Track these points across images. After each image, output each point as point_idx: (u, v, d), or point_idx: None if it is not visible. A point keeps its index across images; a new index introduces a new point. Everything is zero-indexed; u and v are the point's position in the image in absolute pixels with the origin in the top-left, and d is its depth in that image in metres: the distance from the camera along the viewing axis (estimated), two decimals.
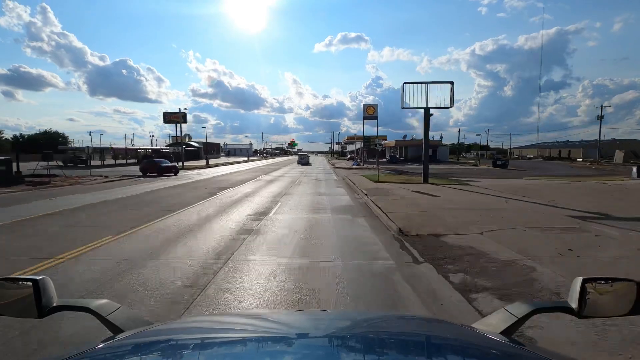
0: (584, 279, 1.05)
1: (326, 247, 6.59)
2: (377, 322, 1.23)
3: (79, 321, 3.34)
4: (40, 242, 6.79)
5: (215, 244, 6.67)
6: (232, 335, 1.03)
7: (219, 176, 26.64)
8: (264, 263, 5.53)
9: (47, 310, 1.07)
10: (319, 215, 9.94)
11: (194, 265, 5.35)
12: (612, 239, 7.02)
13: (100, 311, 1.11)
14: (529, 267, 5.21)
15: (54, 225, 8.47)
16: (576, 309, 1.04)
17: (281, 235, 7.48)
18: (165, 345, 0.92)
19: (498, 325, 1.08)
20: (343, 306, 4.01)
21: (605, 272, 3.73)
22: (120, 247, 6.47)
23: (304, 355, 0.83)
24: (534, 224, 8.38)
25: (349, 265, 5.42)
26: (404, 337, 1.04)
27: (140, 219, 9.03)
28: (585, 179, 23.46)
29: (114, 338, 0.96)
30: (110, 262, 5.48)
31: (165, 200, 12.88)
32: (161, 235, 7.43)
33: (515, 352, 0.88)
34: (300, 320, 1.18)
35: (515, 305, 1.14)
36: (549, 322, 3.34)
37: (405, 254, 6.13)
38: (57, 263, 5.45)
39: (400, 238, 7.25)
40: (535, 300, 1.11)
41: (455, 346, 0.95)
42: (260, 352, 0.86)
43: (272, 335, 0.99)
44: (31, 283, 1.06)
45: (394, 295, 4.36)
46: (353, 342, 0.94)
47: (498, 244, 6.55)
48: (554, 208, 10.82)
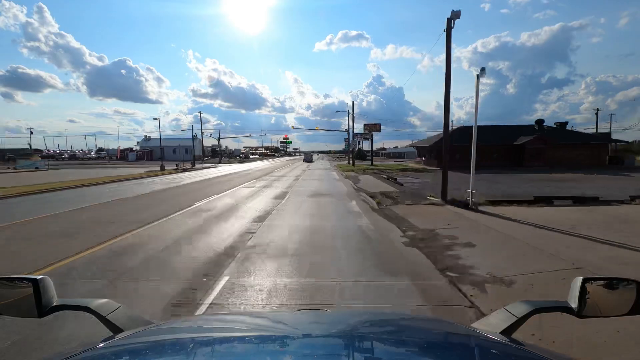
0: (583, 279, 1.05)
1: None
2: (378, 322, 1.23)
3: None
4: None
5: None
6: (232, 335, 1.03)
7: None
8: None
9: (47, 309, 1.07)
10: None
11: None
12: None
13: (100, 311, 1.11)
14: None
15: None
16: (576, 309, 1.04)
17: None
18: (165, 344, 0.92)
19: (498, 325, 1.08)
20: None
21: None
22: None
23: (305, 355, 0.83)
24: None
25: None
26: (405, 337, 1.04)
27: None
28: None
29: (113, 337, 0.96)
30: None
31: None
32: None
33: (515, 351, 0.88)
34: (300, 320, 1.18)
35: (515, 305, 1.14)
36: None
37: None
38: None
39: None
40: (535, 300, 1.11)
41: (456, 346, 0.95)
42: (260, 352, 0.86)
43: (273, 335, 0.99)
44: (31, 283, 1.06)
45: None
46: (353, 342, 0.94)
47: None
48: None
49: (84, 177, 24.22)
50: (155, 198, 14.01)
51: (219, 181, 22.13)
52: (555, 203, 11.32)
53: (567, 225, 7.90)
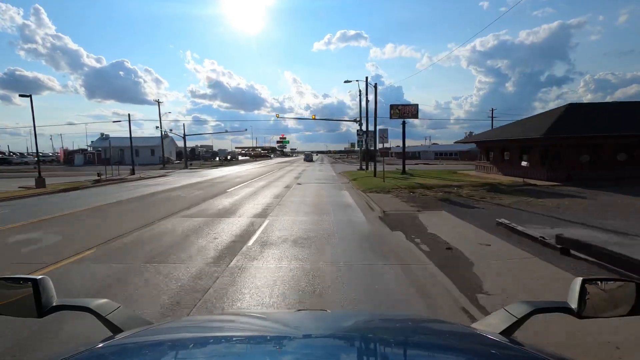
0: (583, 280, 1.05)
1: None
2: (378, 322, 1.23)
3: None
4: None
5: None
6: (232, 335, 1.03)
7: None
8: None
9: (46, 309, 1.07)
10: None
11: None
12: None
13: (99, 311, 1.11)
14: None
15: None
16: (576, 310, 1.04)
17: None
18: (165, 345, 0.92)
19: (498, 325, 1.08)
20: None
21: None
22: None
23: (304, 355, 0.83)
24: None
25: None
26: (404, 337, 1.04)
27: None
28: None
29: (113, 338, 0.96)
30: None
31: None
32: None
33: (515, 352, 0.88)
34: (300, 320, 1.18)
35: (514, 305, 1.14)
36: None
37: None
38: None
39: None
40: (535, 300, 1.11)
41: (456, 346, 0.95)
42: (260, 352, 0.86)
43: (272, 335, 0.99)
44: (31, 283, 1.06)
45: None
46: (353, 342, 0.94)
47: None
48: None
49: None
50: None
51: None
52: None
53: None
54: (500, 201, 11.70)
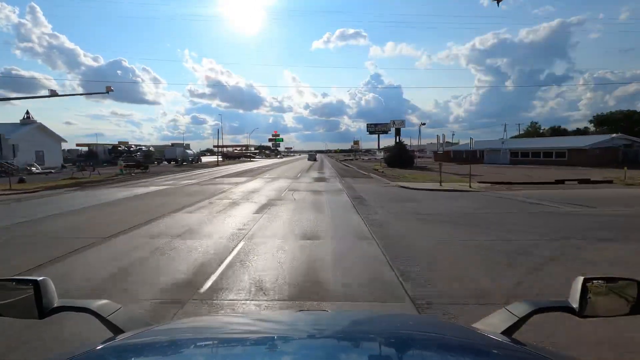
0: (584, 279, 1.05)
1: None
2: (378, 323, 1.23)
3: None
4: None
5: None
6: (232, 336, 1.03)
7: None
8: None
9: (47, 311, 1.07)
10: None
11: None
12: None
13: (100, 312, 1.11)
14: None
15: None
16: (577, 309, 1.04)
17: None
18: (165, 345, 0.92)
19: (499, 325, 1.08)
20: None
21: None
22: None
23: (304, 356, 0.83)
24: None
25: None
26: (405, 337, 1.03)
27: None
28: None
29: (114, 339, 0.96)
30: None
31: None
32: None
33: (516, 352, 0.88)
34: (300, 321, 1.18)
35: (515, 305, 1.14)
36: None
37: None
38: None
39: None
40: (537, 300, 1.11)
41: (457, 346, 0.95)
42: (260, 352, 0.86)
43: (273, 336, 0.99)
44: (32, 284, 1.06)
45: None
46: (353, 342, 0.94)
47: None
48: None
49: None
50: None
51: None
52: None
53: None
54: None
